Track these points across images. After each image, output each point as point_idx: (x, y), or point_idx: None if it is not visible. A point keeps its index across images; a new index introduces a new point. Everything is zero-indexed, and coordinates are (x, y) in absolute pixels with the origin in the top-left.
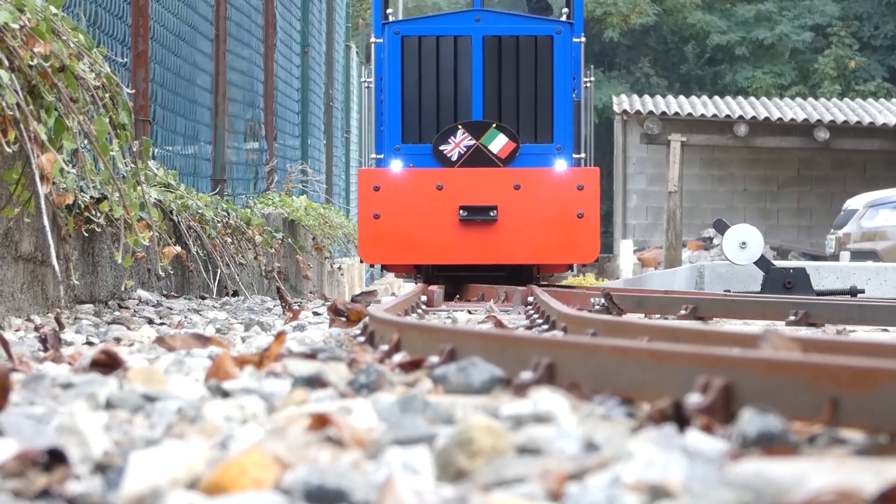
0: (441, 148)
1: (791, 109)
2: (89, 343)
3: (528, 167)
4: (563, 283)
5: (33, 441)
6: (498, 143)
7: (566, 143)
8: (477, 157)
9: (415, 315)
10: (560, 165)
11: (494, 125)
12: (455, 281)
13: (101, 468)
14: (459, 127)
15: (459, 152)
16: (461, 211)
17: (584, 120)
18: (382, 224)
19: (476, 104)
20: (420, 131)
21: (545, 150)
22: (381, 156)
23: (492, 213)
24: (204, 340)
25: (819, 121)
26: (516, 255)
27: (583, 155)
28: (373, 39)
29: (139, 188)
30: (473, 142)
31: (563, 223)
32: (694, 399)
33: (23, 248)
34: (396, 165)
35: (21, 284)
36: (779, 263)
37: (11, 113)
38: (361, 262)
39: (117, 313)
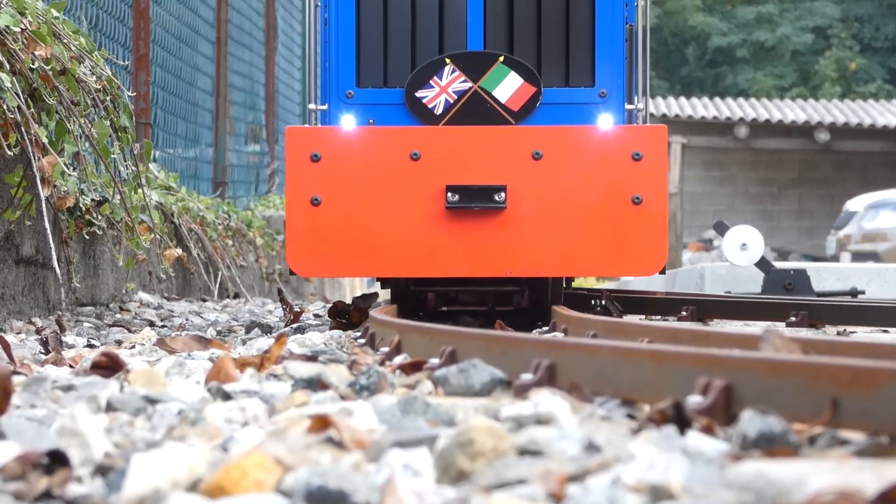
0: (418, 95)
1: (792, 111)
2: (90, 345)
3: (555, 124)
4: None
5: (35, 443)
6: (507, 87)
7: (614, 86)
8: (474, 109)
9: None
10: (605, 121)
11: (502, 58)
12: (444, 301)
13: (102, 470)
14: (447, 61)
15: (447, 101)
16: (449, 194)
17: (639, 52)
18: (325, 215)
19: (473, 26)
20: (385, 69)
21: (581, 98)
22: (325, 106)
23: (497, 198)
24: (205, 343)
25: (820, 122)
26: (535, 263)
27: (638, 106)
28: None
29: (140, 191)
30: (469, 85)
31: (611, 213)
32: (694, 400)
33: (24, 251)
34: (348, 122)
35: (22, 287)
36: (779, 265)
37: (13, 116)
38: (291, 273)
39: (118, 316)
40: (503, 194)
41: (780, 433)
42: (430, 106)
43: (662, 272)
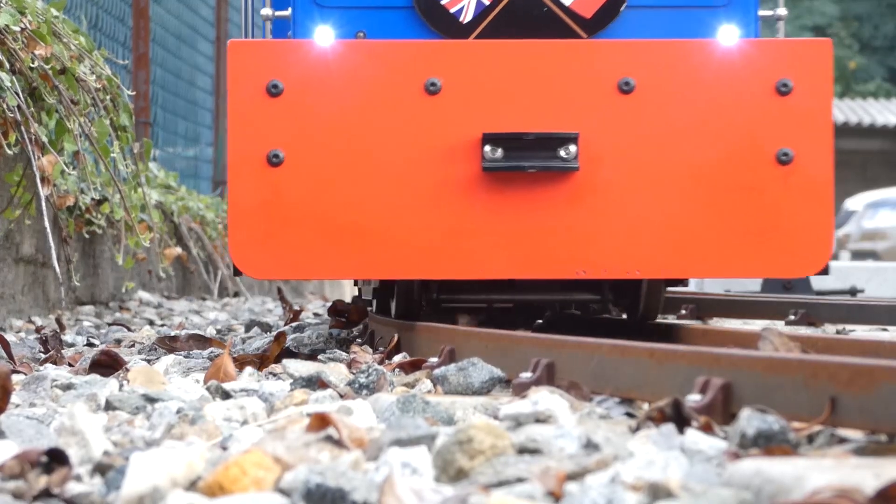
0: None
1: None
2: (90, 344)
3: (651, 38)
4: None
5: (34, 442)
6: None
7: None
8: (522, 15)
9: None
10: (728, 34)
11: None
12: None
13: (101, 469)
14: None
15: (479, 2)
16: (487, 147)
17: None
18: (289, 181)
19: None
20: None
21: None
22: (288, 11)
23: (564, 153)
24: (204, 341)
25: None
26: (624, 257)
27: (779, 11)
28: None
29: (140, 190)
30: None
31: (743, 177)
32: (693, 398)
33: (24, 250)
34: (324, 34)
35: (22, 286)
36: None
37: (12, 115)
38: (236, 273)
39: (118, 314)
40: (573, 148)
41: (778, 431)
42: (453, 10)
43: (824, 272)
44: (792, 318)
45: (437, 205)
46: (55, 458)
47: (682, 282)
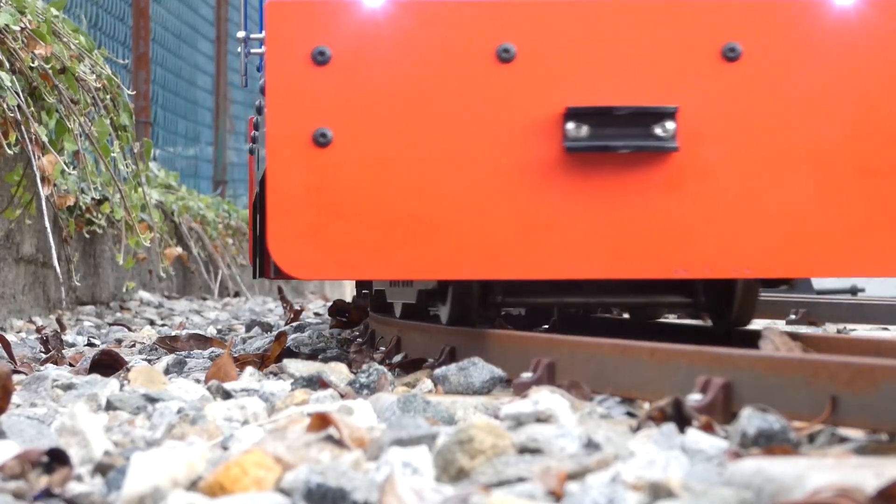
0: None
1: None
2: (91, 344)
3: None
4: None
5: (34, 442)
6: None
7: None
8: None
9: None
10: None
11: None
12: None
13: (102, 469)
14: None
15: None
16: (570, 125)
17: None
18: (341, 164)
19: None
20: None
21: None
22: None
23: (661, 131)
24: (205, 341)
25: None
26: (733, 253)
27: None
28: None
29: (140, 189)
30: None
31: (877, 159)
32: (694, 398)
33: (24, 250)
34: None
35: (23, 286)
36: None
37: (12, 115)
38: (277, 275)
39: (119, 314)
40: (671, 125)
41: (779, 431)
42: None
43: None
44: (792, 317)
45: (512, 192)
46: (56, 458)
47: (785, 281)
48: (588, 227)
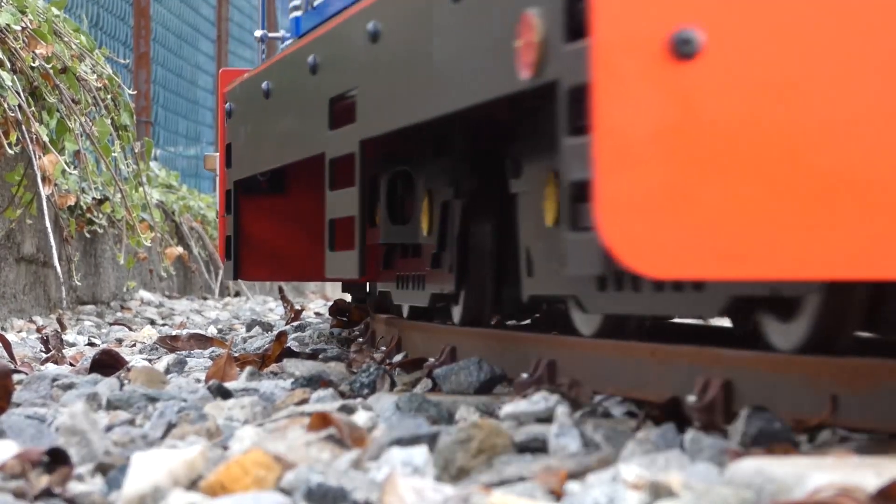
0: None
1: None
2: (91, 344)
3: None
4: None
5: (35, 442)
6: None
7: None
8: None
9: None
10: None
11: None
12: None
13: (102, 468)
14: None
15: None
16: None
17: None
18: (712, 85)
19: None
20: None
21: None
22: None
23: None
24: (205, 341)
25: None
26: None
27: None
28: None
29: (141, 189)
30: None
31: None
32: (694, 397)
33: (25, 250)
34: None
35: (23, 286)
36: None
37: (13, 114)
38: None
39: (119, 314)
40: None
41: (779, 430)
42: None
43: None
44: None
45: None
46: (56, 458)
47: None
48: None
